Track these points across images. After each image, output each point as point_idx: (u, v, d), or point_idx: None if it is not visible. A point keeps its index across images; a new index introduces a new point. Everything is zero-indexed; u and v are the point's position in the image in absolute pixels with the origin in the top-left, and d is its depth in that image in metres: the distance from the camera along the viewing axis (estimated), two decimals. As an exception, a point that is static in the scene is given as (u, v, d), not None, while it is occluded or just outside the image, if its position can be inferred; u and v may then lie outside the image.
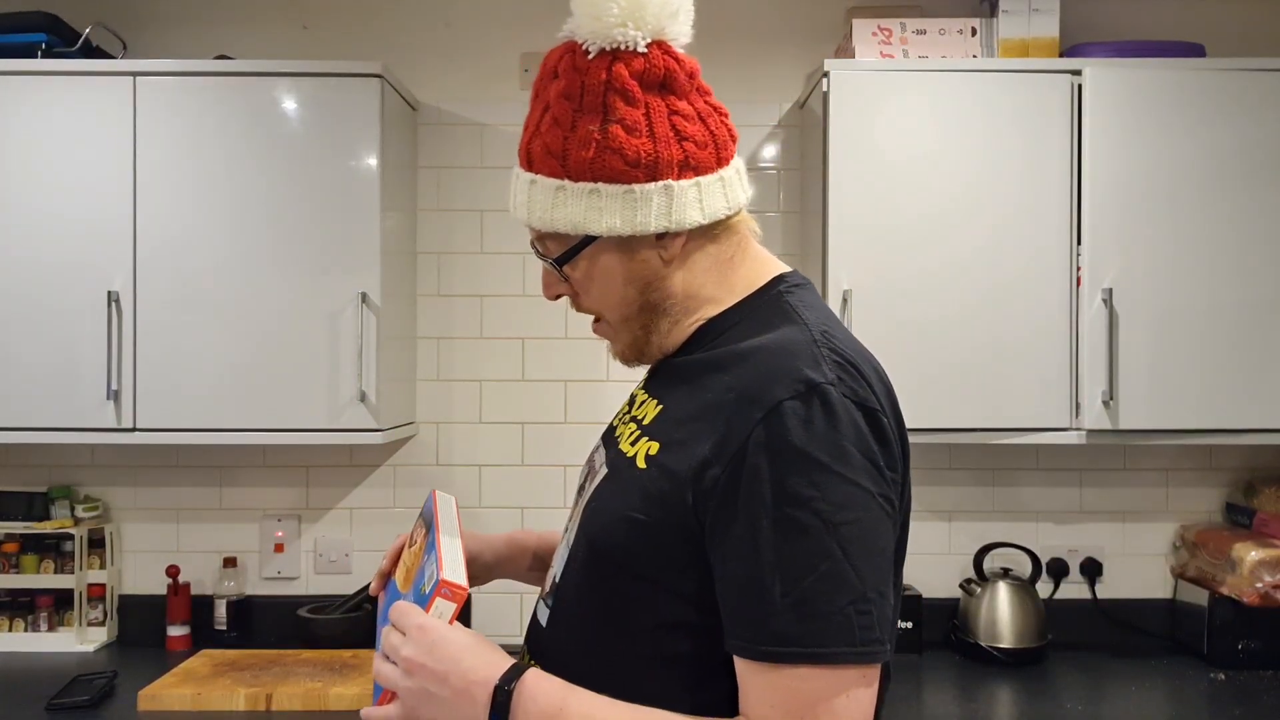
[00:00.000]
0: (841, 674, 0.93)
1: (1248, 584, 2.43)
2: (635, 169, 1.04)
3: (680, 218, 1.05)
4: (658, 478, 1.01)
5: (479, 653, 1.01)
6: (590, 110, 1.05)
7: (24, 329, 2.36)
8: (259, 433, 2.40)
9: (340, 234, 2.38)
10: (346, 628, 2.54)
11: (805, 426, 0.94)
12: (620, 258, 1.08)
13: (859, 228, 2.37)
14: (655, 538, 1.00)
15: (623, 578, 1.03)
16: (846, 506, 0.94)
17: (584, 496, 1.14)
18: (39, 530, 2.59)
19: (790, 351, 1.00)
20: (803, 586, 0.92)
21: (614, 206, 1.04)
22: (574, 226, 1.06)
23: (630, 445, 1.08)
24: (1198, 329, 2.35)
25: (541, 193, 1.07)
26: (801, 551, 0.92)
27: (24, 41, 2.43)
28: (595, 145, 1.04)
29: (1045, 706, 2.25)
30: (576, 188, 1.05)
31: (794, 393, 0.95)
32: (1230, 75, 2.36)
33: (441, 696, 1.00)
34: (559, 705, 0.98)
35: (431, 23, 2.77)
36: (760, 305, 1.09)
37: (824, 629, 0.92)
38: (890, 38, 2.46)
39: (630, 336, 1.13)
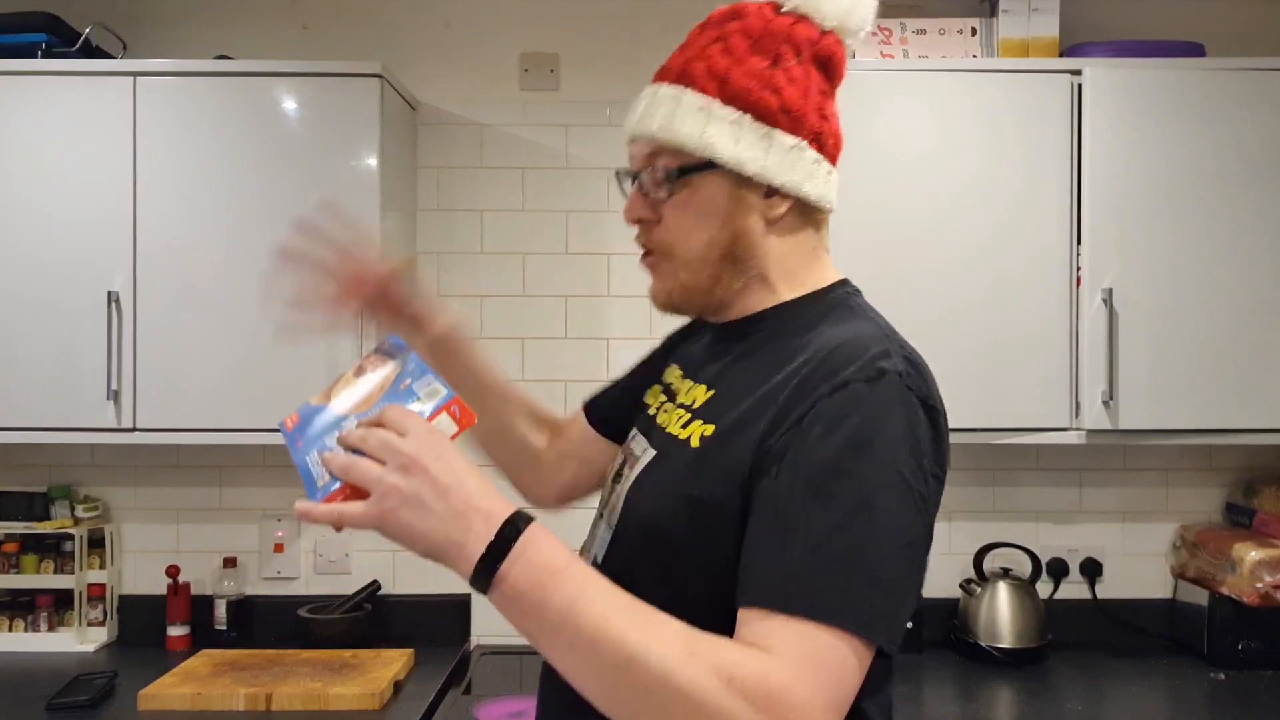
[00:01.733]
0: (856, 643, 0.91)
1: (1248, 584, 2.43)
2: (783, 115, 1.07)
3: (798, 181, 1.08)
4: (713, 457, 1.03)
5: (485, 481, 0.93)
6: (763, 52, 1.08)
7: (24, 329, 2.36)
8: (259, 433, 2.40)
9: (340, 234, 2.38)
10: (346, 628, 2.55)
11: (867, 408, 0.96)
12: (728, 196, 1.09)
13: (859, 227, 2.36)
14: (709, 514, 1.01)
15: (674, 553, 1.03)
16: (883, 489, 0.94)
17: (624, 481, 1.14)
18: (39, 530, 2.59)
19: (864, 342, 1.02)
20: (823, 554, 0.92)
21: (750, 140, 1.07)
22: (704, 147, 1.07)
23: (681, 428, 1.10)
24: (1198, 329, 2.35)
25: (681, 107, 1.09)
26: (830, 522, 0.93)
27: (24, 41, 2.43)
28: (758, 80, 1.07)
29: (1045, 706, 2.25)
30: (723, 112, 1.07)
31: (864, 376, 0.98)
32: (1230, 75, 2.36)
33: (434, 509, 0.89)
34: (562, 564, 0.90)
35: (431, 23, 2.77)
36: (827, 303, 1.13)
37: (831, 597, 0.91)
38: (890, 38, 2.46)
39: (693, 279, 1.12)
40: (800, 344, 1.06)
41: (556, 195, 2.75)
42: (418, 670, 2.43)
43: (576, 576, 0.90)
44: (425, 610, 2.68)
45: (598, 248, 2.74)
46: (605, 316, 2.75)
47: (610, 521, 1.13)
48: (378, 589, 2.67)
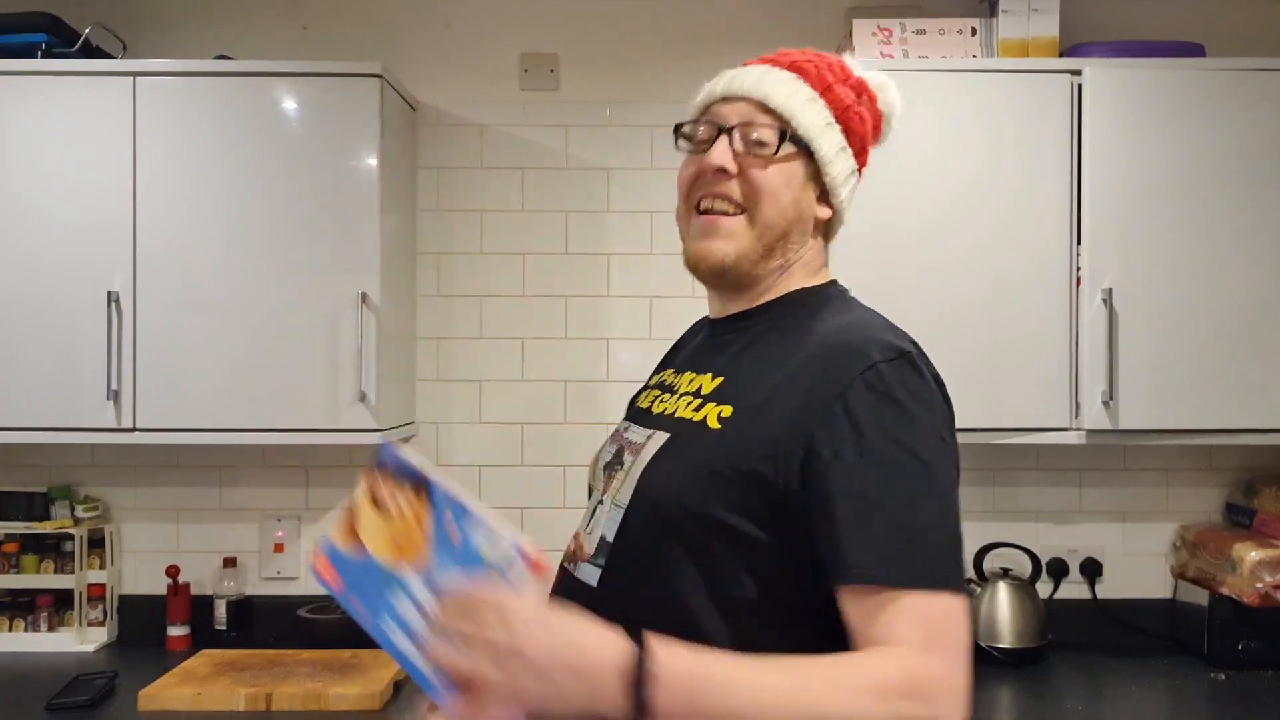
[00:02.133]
0: (955, 600, 1.02)
1: (1248, 584, 2.43)
2: (857, 139, 1.25)
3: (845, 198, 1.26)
4: (736, 434, 1.11)
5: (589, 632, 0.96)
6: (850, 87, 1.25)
7: (24, 329, 2.36)
8: (259, 433, 2.40)
9: (340, 234, 2.38)
10: (346, 628, 2.53)
11: (901, 384, 1.07)
12: (803, 181, 1.21)
13: (859, 227, 2.35)
14: (736, 490, 1.08)
15: (698, 528, 1.09)
16: (938, 454, 1.07)
17: (628, 466, 1.19)
18: (39, 530, 2.59)
19: (874, 328, 1.15)
20: (916, 521, 1.03)
21: (833, 145, 1.22)
22: (809, 130, 1.20)
23: (694, 412, 1.17)
24: (1198, 329, 2.35)
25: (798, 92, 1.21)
26: (911, 490, 1.03)
27: (24, 41, 2.43)
28: (852, 102, 1.23)
29: (1045, 706, 2.25)
30: (825, 112, 1.21)
31: (887, 357, 1.09)
32: (1230, 75, 2.36)
33: (561, 683, 0.93)
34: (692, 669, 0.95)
35: (431, 23, 2.77)
36: (822, 296, 1.24)
37: (939, 560, 1.03)
38: (890, 38, 2.46)
39: (758, 243, 1.20)
40: (806, 331, 1.17)
41: (556, 195, 2.75)
42: (418, 670, 2.43)
43: (714, 673, 0.97)
44: (425, 610, 2.68)
45: (598, 248, 2.74)
46: (605, 316, 2.75)
47: (618, 503, 1.17)
48: (378, 589, 2.67)
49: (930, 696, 0.97)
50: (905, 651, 0.98)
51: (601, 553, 1.17)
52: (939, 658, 0.99)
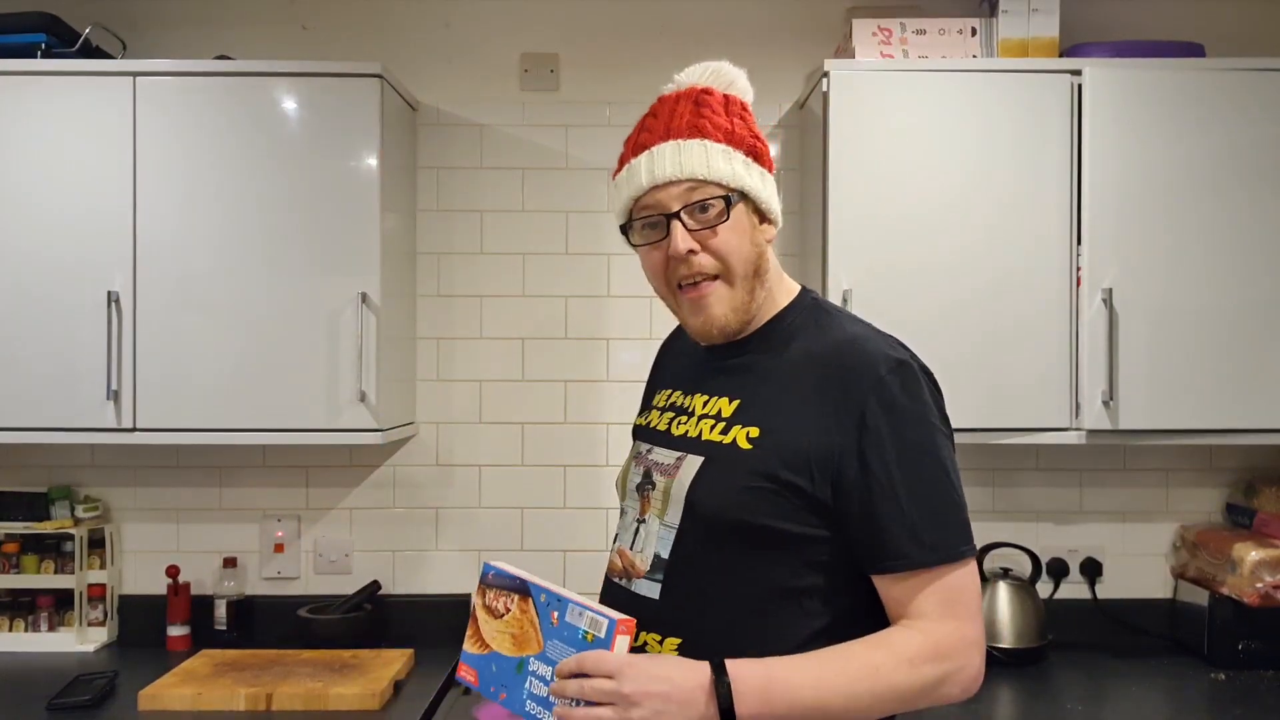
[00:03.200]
0: (966, 566, 1.26)
1: (1248, 584, 2.43)
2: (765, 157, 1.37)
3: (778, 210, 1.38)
4: (766, 452, 1.28)
5: (678, 665, 1.21)
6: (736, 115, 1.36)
7: (24, 329, 2.36)
8: (259, 433, 2.40)
9: (340, 234, 2.38)
10: (346, 628, 2.55)
11: (905, 392, 1.27)
12: (748, 221, 1.34)
13: (859, 227, 2.37)
14: (776, 499, 1.26)
15: (750, 536, 1.27)
16: (943, 445, 1.28)
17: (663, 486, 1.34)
18: (39, 530, 2.59)
19: (873, 340, 1.32)
20: (936, 508, 1.25)
21: (755, 177, 1.34)
22: (736, 180, 1.32)
23: (720, 435, 1.32)
24: (1198, 329, 2.35)
25: (710, 153, 1.32)
26: (928, 482, 1.26)
27: (24, 41, 2.43)
28: (748, 132, 1.35)
29: (1045, 706, 2.25)
30: (736, 155, 1.33)
31: (890, 369, 1.28)
32: (1230, 75, 2.36)
33: (671, 712, 1.17)
34: (765, 676, 1.19)
35: (431, 23, 2.77)
36: (807, 310, 1.39)
37: (955, 536, 1.26)
38: (890, 38, 2.46)
39: (743, 295, 1.34)
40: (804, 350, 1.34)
41: (556, 195, 2.75)
42: (418, 670, 2.43)
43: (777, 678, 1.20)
44: (425, 610, 2.68)
45: (597, 248, 2.74)
46: (605, 317, 2.75)
47: (669, 523, 1.32)
48: (378, 589, 2.67)
49: (951, 654, 1.23)
50: (927, 623, 1.24)
51: (658, 569, 1.32)
52: (955, 621, 1.24)
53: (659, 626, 1.29)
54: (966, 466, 2.91)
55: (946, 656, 1.23)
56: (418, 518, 2.75)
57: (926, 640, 1.23)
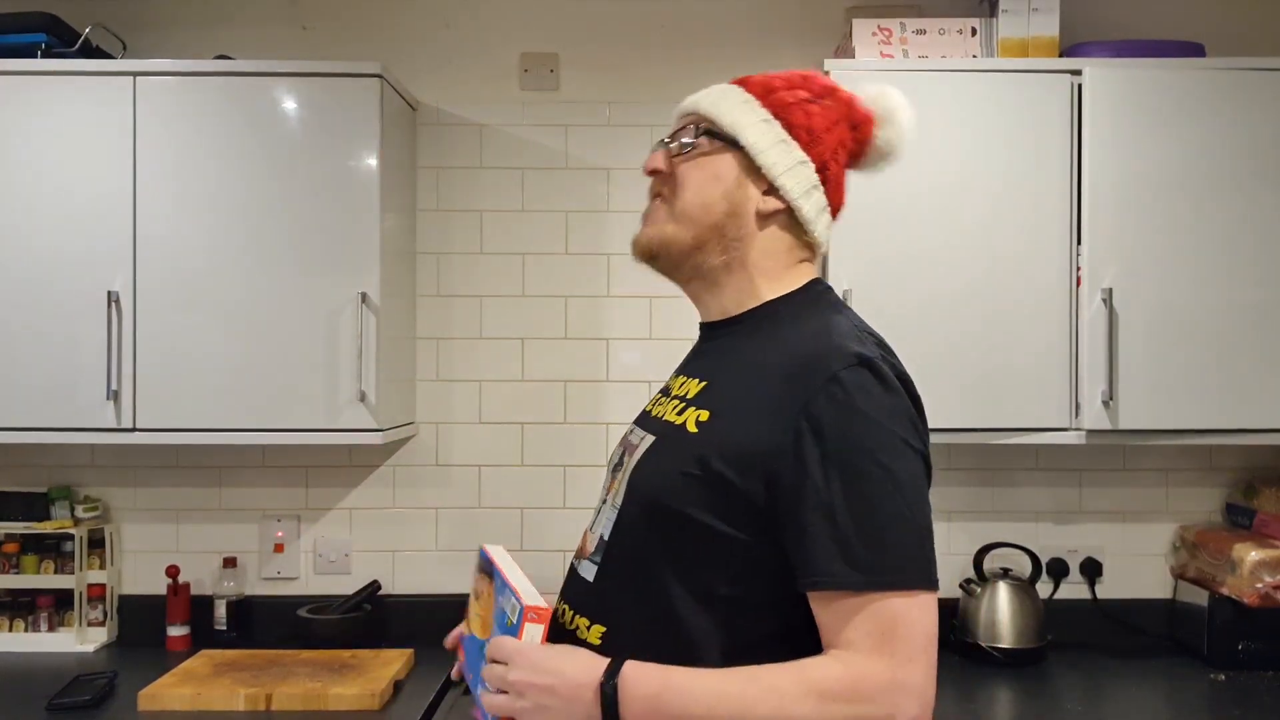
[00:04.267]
0: (913, 598, 1.09)
1: (1248, 584, 2.43)
2: (804, 132, 1.25)
3: (792, 188, 1.25)
4: (710, 439, 1.17)
5: (575, 659, 1.15)
6: (813, 93, 1.28)
7: (24, 329, 2.36)
8: (259, 433, 2.40)
9: (340, 234, 2.38)
10: (346, 628, 2.55)
11: (861, 391, 1.11)
12: (736, 175, 1.25)
13: (859, 228, 2.36)
14: (708, 490, 1.15)
15: (676, 526, 1.17)
16: (899, 457, 1.11)
17: (625, 468, 1.27)
18: (39, 530, 2.59)
19: (839, 333, 1.18)
20: (875, 524, 1.09)
21: (771, 140, 1.24)
22: (733, 126, 1.25)
23: (677, 415, 1.24)
24: (1198, 329, 2.35)
25: (729, 96, 1.27)
26: (870, 495, 1.09)
27: (24, 41, 2.43)
28: (797, 102, 1.26)
29: (1045, 707, 2.25)
30: (760, 111, 1.25)
31: (848, 364, 1.13)
32: (1230, 75, 2.36)
33: (554, 706, 1.12)
34: (660, 684, 1.11)
35: (431, 23, 2.77)
36: (801, 300, 1.27)
37: (897, 560, 1.09)
38: (890, 38, 2.46)
39: (679, 232, 1.27)
40: (780, 338, 1.22)
41: (556, 195, 2.75)
42: (418, 670, 2.43)
43: (673, 687, 1.10)
44: (425, 610, 2.68)
45: (597, 248, 2.74)
46: (605, 316, 2.75)
47: (614, 503, 1.25)
48: (378, 589, 2.67)
49: (873, 697, 1.07)
50: (853, 655, 1.08)
51: (599, 550, 1.25)
52: (888, 659, 1.07)
53: (589, 611, 1.23)
54: (967, 466, 2.91)
55: (866, 698, 1.06)
56: (417, 518, 2.75)
57: (846, 674, 1.07)
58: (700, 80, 1.38)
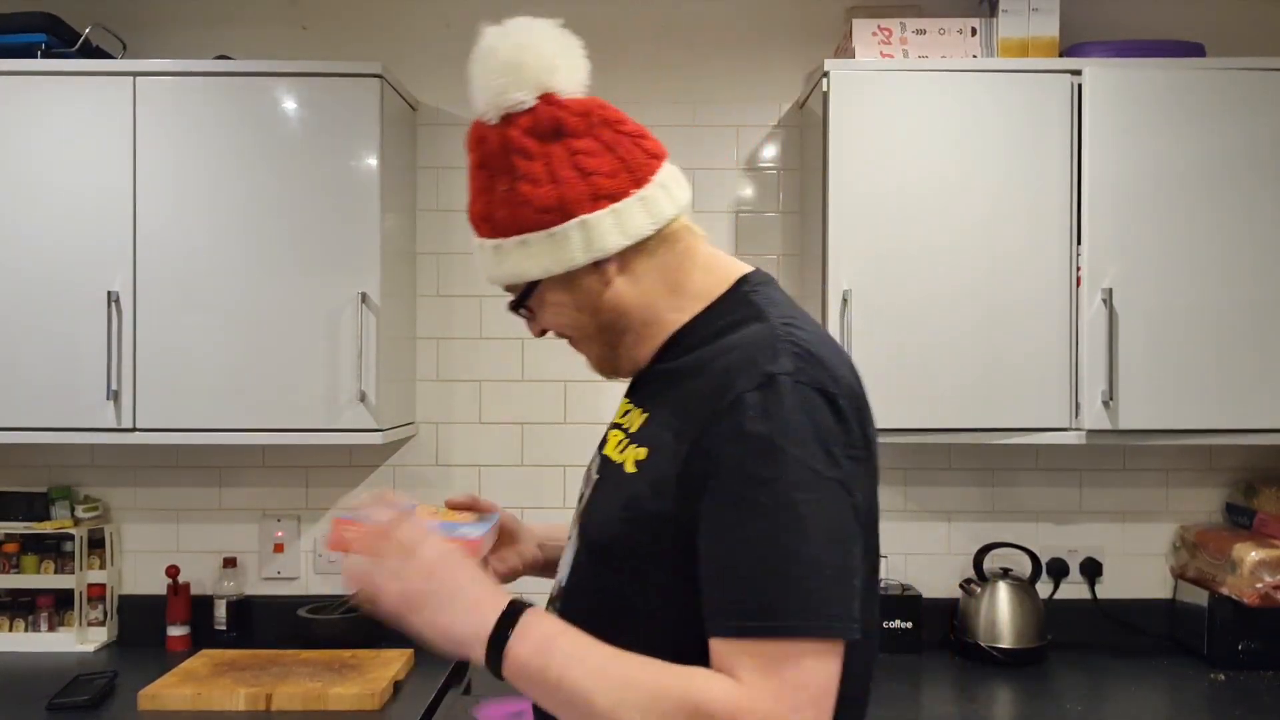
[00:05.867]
0: (802, 646, 0.97)
1: (1248, 584, 2.43)
2: (547, 214, 1.12)
3: (602, 245, 1.13)
4: (645, 481, 1.09)
5: (490, 586, 1.10)
6: (500, 172, 1.15)
7: (24, 329, 2.36)
8: (259, 433, 2.40)
9: (340, 234, 2.38)
10: (346, 628, 2.54)
11: (763, 414, 1.00)
12: (565, 291, 1.17)
13: (859, 228, 2.37)
14: (646, 535, 1.07)
15: (619, 574, 1.11)
16: (801, 487, 0.99)
17: (582, 504, 1.23)
18: (39, 530, 2.59)
19: (753, 346, 1.06)
20: (765, 565, 0.98)
21: (542, 250, 1.14)
22: (518, 276, 1.17)
23: (619, 453, 1.16)
24: (1198, 329, 2.35)
25: (487, 253, 1.18)
26: (762, 531, 0.98)
27: (24, 42, 2.43)
28: (509, 203, 1.14)
29: (1045, 707, 2.25)
30: (509, 242, 1.15)
31: (754, 384, 1.02)
32: (1230, 75, 2.36)
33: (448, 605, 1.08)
34: (554, 635, 1.05)
35: (431, 23, 2.77)
36: (728, 308, 1.16)
37: (784, 604, 0.97)
38: (890, 38, 2.46)
39: (598, 353, 1.23)
40: (704, 359, 1.10)
41: (556, 195, 2.75)
42: (417, 670, 2.43)
43: (566, 645, 1.04)
44: (425, 610, 2.67)
45: (598, 248, 2.74)
46: (605, 316, 2.74)
47: (573, 546, 1.21)
48: (378, 589, 2.67)
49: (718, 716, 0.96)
50: (741, 688, 0.96)
51: (560, 595, 1.21)
52: (771, 703, 0.95)
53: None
54: (966, 466, 2.91)
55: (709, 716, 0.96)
56: (418, 518, 2.74)
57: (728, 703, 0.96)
58: (700, 80, 1.38)
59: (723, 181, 2.76)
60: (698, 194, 2.93)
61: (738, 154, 2.76)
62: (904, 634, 2.56)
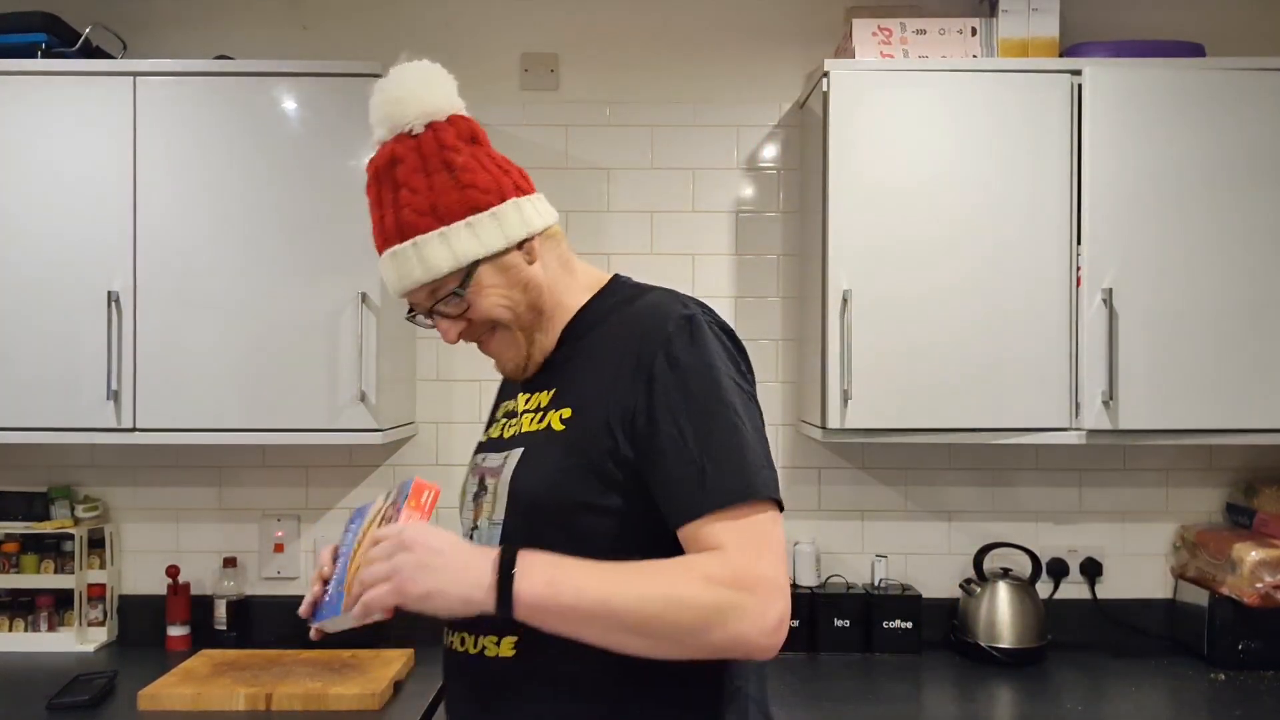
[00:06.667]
0: (769, 512, 1.19)
1: (1248, 584, 2.43)
2: (489, 195, 1.30)
3: (531, 223, 1.33)
4: (578, 429, 1.26)
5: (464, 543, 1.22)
6: (436, 169, 1.29)
7: (24, 329, 2.36)
8: (259, 433, 2.40)
9: (340, 234, 2.38)
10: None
11: (691, 344, 1.24)
12: (499, 271, 1.31)
13: (859, 227, 2.37)
14: (591, 474, 1.24)
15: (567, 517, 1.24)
16: (733, 393, 1.24)
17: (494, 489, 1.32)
18: (39, 530, 2.59)
19: (664, 303, 1.30)
20: (725, 452, 1.20)
21: (486, 230, 1.29)
22: (465, 258, 1.28)
23: (538, 424, 1.31)
24: (1198, 329, 2.35)
25: (427, 247, 1.28)
26: (715, 430, 1.20)
27: (24, 41, 2.43)
28: (454, 188, 1.29)
29: (1045, 707, 2.25)
30: (454, 228, 1.28)
31: (677, 326, 1.25)
32: (1230, 75, 2.36)
33: (442, 566, 1.15)
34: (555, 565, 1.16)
35: (431, 23, 2.77)
36: (614, 290, 1.39)
37: (751, 478, 1.19)
38: (890, 38, 2.46)
39: (523, 339, 1.35)
40: (614, 324, 1.32)
41: (556, 195, 2.69)
42: (418, 670, 2.43)
43: (569, 569, 1.16)
44: (425, 610, 2.67)
45: (598, 247, 2.74)
46: (605, 316, 2.75)
47: (493, 520, 1.31)
48: (378, 589, 2.67)
49: (752, 587, 1.14)
50: (731, 553, 1.16)
51: None
52: (758, 557, 1.16)
53: (494, 627, 1.25)
54: (966, 466, 2.91)
55: (746, 587, 1.14)
56: (418, 518, 2.74)
57: (726, 565, 1.15)
58: (700, 80, 1.39)
59: (723, 181, 2.76)
60: (698, 194, 2.94)
61: (738, 154, 2.76)
62: (904, 634, 2.56)
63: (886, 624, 2.56)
